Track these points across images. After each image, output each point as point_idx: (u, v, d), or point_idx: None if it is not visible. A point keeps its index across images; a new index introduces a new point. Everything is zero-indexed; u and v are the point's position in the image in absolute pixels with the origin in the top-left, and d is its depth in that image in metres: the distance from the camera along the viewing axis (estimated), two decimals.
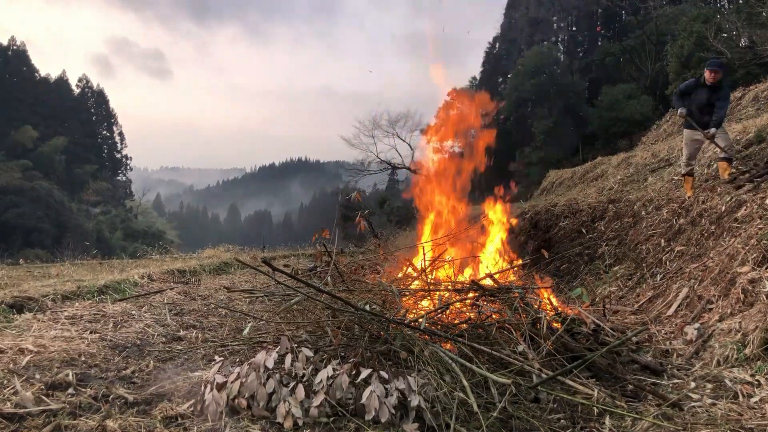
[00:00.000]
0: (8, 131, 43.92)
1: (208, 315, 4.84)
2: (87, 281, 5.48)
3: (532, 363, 2.83)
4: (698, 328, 3.80)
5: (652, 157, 10.11)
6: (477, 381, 2.63)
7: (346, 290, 3.84)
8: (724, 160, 5.94)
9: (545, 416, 2.57)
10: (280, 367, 2.57)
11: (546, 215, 9.11)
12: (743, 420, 2.47)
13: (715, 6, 26.69)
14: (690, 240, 5.43)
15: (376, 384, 2.39)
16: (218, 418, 2.35)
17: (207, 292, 6.06)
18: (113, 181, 53.96)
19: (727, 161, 5.93)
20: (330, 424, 2.32)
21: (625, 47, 28.67)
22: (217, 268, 8.25)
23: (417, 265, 4.45)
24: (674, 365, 3.46)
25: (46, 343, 3.19)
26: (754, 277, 3.84)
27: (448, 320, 3.47)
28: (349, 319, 3.02)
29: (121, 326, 3.98)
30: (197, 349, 3.60)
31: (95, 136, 54.53)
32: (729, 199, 5.35)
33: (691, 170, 6.40)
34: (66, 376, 2.68)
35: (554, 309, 3.78)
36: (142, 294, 5.35)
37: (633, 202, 7.53)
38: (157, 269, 6.97)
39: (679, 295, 4.57)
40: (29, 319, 3.85)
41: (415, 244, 5.24)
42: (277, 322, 3.75)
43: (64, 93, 52.54)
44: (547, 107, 28.31)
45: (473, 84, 39.59)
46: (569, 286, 6.52)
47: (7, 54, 47.96)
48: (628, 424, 2.46)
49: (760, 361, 3.06)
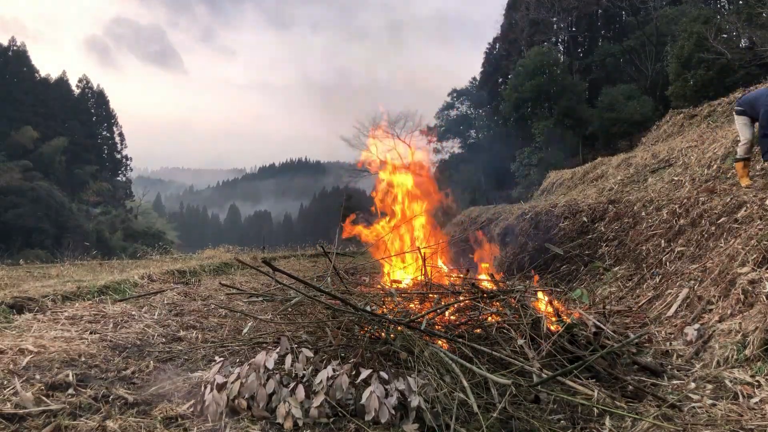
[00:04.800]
0: (8, 132, 43.91)
1: (208, 315, 4.84)
2: (87, 282, 5.49)
3: (533, 363, 2.83)
4: (698, 329, 3.80)
5: (652, 158, 10.11)
6: (477, 381, 2.63)
7: (346, 291, 3.85)
8: (742, 161, 5.80)
9: (545, 417, 2.57)
10: (280, 367, 2.57)
11: (546, 216, 9.11)
12: (743, 421, 2.47)
13: (715, 7, 26.69)
14: (690, 241, 5.43)
15: (376, 384, 2.39)
16: (218, 419, 2.35)
17: (207, 293, 6.06)
18: (113, 182, 53.92)
19: (745, 161, 5.76)
20: (330, 424, 2.32)
21: (625, 48, 28.68)
22: (218, 268, 8.26)
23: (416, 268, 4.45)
24: (674, 366, 3.46)
25: (46, 343, 3.20)
26: (754, 278, 3.84)
27: (448, 321, 3.48)
28: (349, 319, 3.02)
29: (121, 327, 3.99)
30: (197, 349, 3.60)
31: (95, 136, 54.50)
32: (729, 200, 5.35)
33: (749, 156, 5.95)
34: (66, 376, 2.68)
35: (555, 311, 3.78)
36: (142, 294, 5.35)
37: (633, 202, 7.53)
38: (157, 270, 6.97)
39: (679, 295, 4.57)
40: (29, 320, 3.86)
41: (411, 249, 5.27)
42: (277, 323, 3.75)
43: (64, 93, 52.51)
44: (547, 108, 28.31)
45: (473, 85, 39.65)
46: (569, 287, 6.53)
47: (7, 54, 47.96)
48: (628, 425, 2.46)
49: (760, 361, 3.05)
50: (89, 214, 46.25)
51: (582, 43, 36.46)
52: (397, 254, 5.47)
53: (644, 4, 27.78)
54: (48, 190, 40.14)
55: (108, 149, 56.31)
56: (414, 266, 5.03)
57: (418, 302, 3.83)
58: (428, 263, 4.32)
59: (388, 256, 5.38)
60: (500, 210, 12.84)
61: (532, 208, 10.00)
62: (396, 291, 3.92)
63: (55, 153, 45.22)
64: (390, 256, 5.38)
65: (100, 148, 55.35)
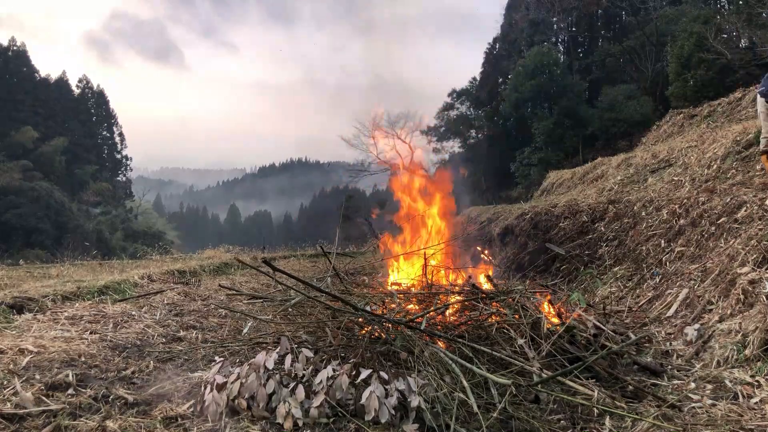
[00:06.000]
0: (8, 132, 43.90)
1: (208, 315, 4.84)
2: (87, 282, 5.48)
3: (533, 363, 2.83)
4: (698, 329, 3.80)
5: (652, 158, 10.10)
6: (477, 381, 2.63)
7: (346, 291, 3.85)
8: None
9: (545, 417, 2.57)
10: (280, 367, 2.57)
11: (546, 216, 9.10)
12: (743, 421, 2.47)
13: (715, 7, 26.66)
14: (690, 241, 5.43)
15: (376, 384, 2.39)
16: (218, 419, 2.35)
17: (207, 293, 6.06)
18: (113, 182, 53.90)
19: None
20: (330, 424, 2.32)
21: (625, 48, 28.67)
22: (218, 268, 8.25)
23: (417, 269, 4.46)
24: (674, 366, 3.46)
25: (46, 343, 3.19)
26: (754, 278, 3.84)
27: (448, 321, 3.48)
28: (349, 319, 3.02)
29: (121, 327, 3.98)
30: (197, 349, 3.60)
31: (95, 136, 54.51)
32: (729, 200, 5.35)
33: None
34: (66, 376, 2.68)
35: (556, 311, 3.79)
36: (142, 294, 5.35)
37: (633, 202, 7.53)
38: (157, 270, 6.96)
39: (679, 295, 4.57)
40: (29, 320, 3.85)
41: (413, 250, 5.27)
42: (277, 323, 3.75)
43: (64, 93, 52.51)
44: (547, 108, 28.31)
45: (473, 85, 39.62)
46: (569, 287, 6.53)
47: (7, 54, 47.95)
48: (628, 425, 2.46)
49: (760, 361, 3.05)
50: (89, 214, 46.23)
51: (582, 43, 36.46)
52: (400, 255, 5.47)
53: (644, 4, 27.78)
54: (48, 190, 40.12)
55: (108, 149, 56.32)
56: (418, 267, 5.03)
57: (416, 302, 3.84)
58: (431, 264, 4.32)
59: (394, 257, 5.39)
60: (500, 210, 12.83)
61: (532, 208, 9.99)
62: (396, 292, 3.92)
63: (55, 153, 45.19)
64: (395, 256, 5.39)
65: (100, 148, 55.35)
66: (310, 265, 11.02)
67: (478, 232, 11.29)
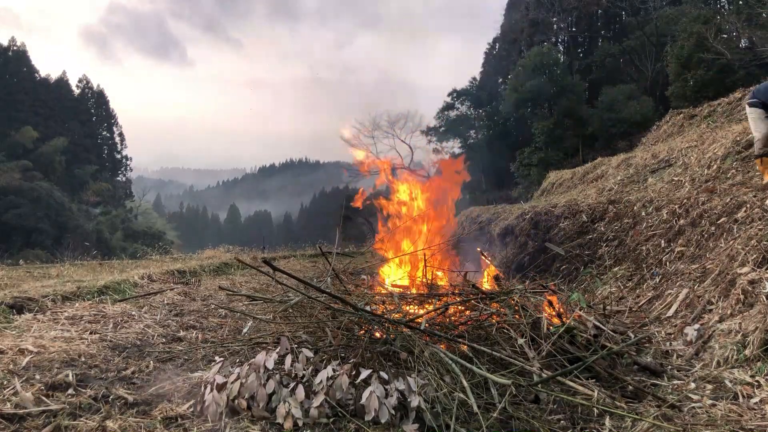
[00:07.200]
0: (8, 132, 43.92)
1: (208, 315, 4.84)
2: (87, 282, 5.48)
3: (533, 363, 2.83)
4: (698, 329, 3.80)
5: (652, 158, 10.11)
6: (477, 381, 2.63)
7: (345, 291, 3.85)
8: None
9: (545, 417, 2.57)
10: (280, 367, 2.57)
11: (546, 216, 9.10)
12: (743, 421, 2.47)
13: (715, 7, 26.68)
14: (690, 241, 5.43)
15: (376, 385, 2.39)
16: (218, 419, 2.35)
17: (207, 293, 6.06)
18: (113, 182, 53.91)
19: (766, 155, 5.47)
20: (330, 424, 2.32)
21: (625, 48, 28.70)
22: (218, 268, 8.25)
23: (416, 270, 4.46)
24: (674, 366, 3.46)
25: (46, 343, 3.20)
26: (754, 278, 3.84)
27: (448, 321, 3.48)
28: (349, 319, 3.02)
29: (121, 327, 3.99)
30: (197, 349, 3.60)
31: (95, 136, 54.53)
32: (729, 200, 5.35)
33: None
34: (66, 376, 2.68)
35: (557, 312, 3.78)
36: (142, 294, 5.35)
37: (633, 202, 7.53)
38: (157, 270, 6.96)
39: (679, 296, 4.57)
40: (29, 320, 3.86)
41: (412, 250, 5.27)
42: (277, 323, 3.75)
43: (64, 93, 52.53)
44: (547, 108, 28.34)
45: (473, 85, 39.64)
46: (569, 287, 6.53)
47: (7, 54, 47.97)
48: (628, 425, 2.46)
49: (760, 362, 3.05)
50: (89, 214, 46.24)
51: (582, 43, 36.48)
52: (400, 255, 5.47)
53: (644, 4, 27.81)
54: (48, 190, 40.13)
55: (108, 149, 56.34)
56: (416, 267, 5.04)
57: (416, 303, 3.84)
58: (430, 264, 4.32)
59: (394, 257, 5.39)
60: (500, 210, 12.82)
61: (532, 208, 9.99)
62: (396, 294, 3.92)
63: (55, 153, 45.20)
64: (394, 257, 5.39)
65: (100, 148, 55.37)
66: (310, 265, 11.02)
67: (478, 232, 11.30)
